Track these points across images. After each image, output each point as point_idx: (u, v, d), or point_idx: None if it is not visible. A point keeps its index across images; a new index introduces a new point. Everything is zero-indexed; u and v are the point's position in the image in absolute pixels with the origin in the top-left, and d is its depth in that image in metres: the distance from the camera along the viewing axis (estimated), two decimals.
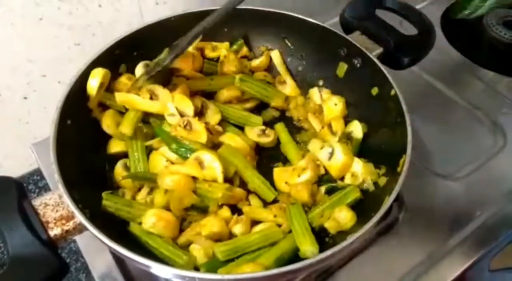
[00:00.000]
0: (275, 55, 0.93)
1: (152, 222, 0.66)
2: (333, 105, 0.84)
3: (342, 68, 0.87)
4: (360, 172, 0.75)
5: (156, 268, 0.57)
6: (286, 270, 0.56)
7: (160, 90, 0.80)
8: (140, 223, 0.67)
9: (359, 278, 0.77)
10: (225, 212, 0.71)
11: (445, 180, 0.89)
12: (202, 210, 0.72)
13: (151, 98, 0.79)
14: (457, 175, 0.90)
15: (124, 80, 0.81)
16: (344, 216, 0.69)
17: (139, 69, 0.84)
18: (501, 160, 0.93)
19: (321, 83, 0.92)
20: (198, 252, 0.66)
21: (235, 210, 0.73)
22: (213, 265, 0.65)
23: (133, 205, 0.70)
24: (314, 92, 0.89)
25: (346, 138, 0.80)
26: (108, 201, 0.68)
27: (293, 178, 0.75)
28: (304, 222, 0.69)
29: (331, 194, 0.74)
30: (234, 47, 0.93)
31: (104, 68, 0.76)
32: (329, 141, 0.80)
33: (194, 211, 0.71)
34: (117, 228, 0.66)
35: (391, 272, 0.77)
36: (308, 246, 0.65)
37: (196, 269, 0.65)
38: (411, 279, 0.76)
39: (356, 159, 0.76)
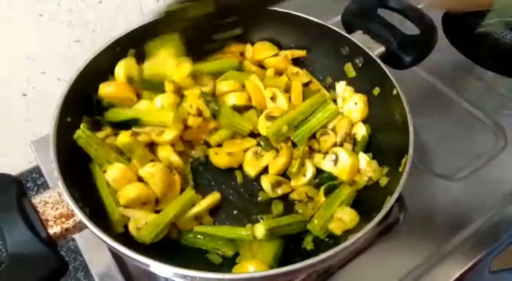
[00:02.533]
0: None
1: (114, 175, 0.66)
2: (353, 105, 0.82)
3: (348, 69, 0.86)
4: (364, 168, 0.75)
5: (155, 266, 0.56)
6: (286, 270, 0.55)
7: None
8: (104, 171, 0.66)
9: (359, 278, 0.77)
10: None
11: (445, 181, 0.89)
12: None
13: None
14: (458, 176, 0.90)
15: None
16: (346, 215, 0.68)
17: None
18: (501, 161, 0.92)
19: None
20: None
21: None
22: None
23: (103, 145, 0.68)
24: (340, 85, 0.86)
25: (350, 139, 0.80)
26: (83, 132, 0.67)
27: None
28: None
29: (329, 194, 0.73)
30: None
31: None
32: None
33: None
34: None
35: (391, 273, 0.76)
36: None
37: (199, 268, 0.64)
38: (411, 280, 0.75)
39: (363, 155, 0.76)
